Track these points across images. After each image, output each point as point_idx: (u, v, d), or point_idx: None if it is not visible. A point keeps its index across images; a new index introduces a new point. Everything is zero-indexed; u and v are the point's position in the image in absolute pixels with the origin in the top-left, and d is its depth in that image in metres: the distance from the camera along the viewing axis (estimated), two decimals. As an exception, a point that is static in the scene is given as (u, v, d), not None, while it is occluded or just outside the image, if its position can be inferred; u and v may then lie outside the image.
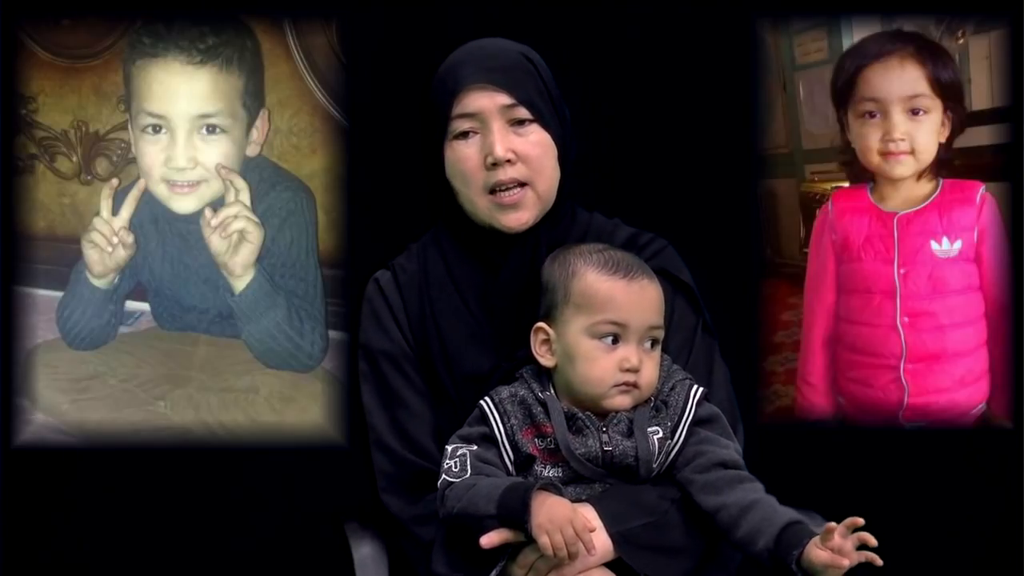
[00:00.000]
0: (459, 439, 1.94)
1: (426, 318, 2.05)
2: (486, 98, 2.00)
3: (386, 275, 2.10)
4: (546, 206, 2.03)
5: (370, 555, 1.99)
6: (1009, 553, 3.19)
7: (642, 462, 1.90)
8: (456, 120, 2.01)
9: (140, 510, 3.14)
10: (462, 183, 2.02)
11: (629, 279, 1.93)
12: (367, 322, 2.08)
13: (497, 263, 2.04)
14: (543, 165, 2.01)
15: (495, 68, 2.01)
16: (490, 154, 1.99)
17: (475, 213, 2.03)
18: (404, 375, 2.04)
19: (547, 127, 2.02)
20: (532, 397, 1.93)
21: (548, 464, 1.91)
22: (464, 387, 2.01)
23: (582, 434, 1.90)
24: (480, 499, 1.85)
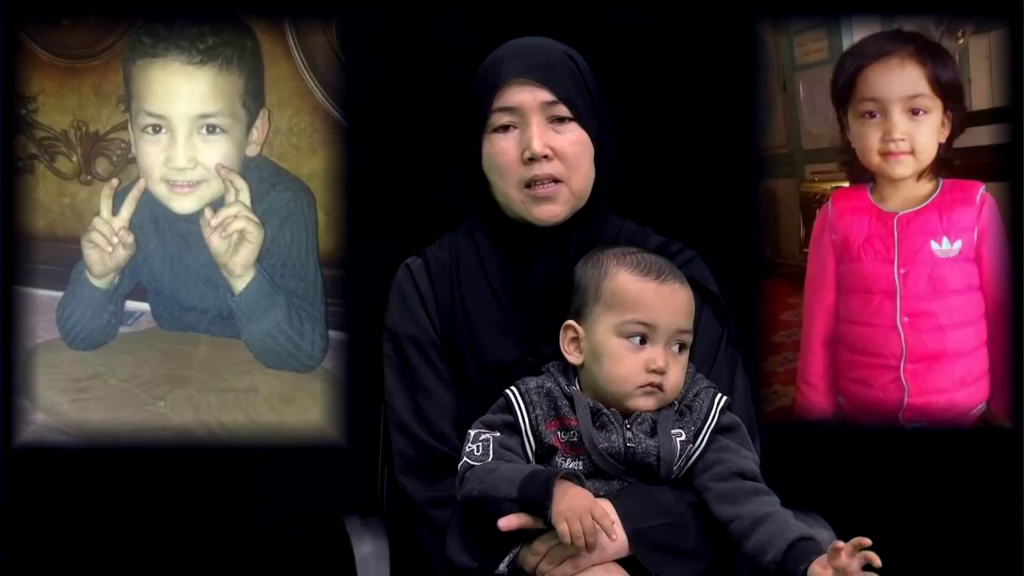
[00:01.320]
0: (482, 425, 1.96)
1: (455, 305, 2.06)
2: (527, 93, 2.02)
3: (417, 261, 2.11)
4: (579, 204, 2.05)
5: (371, 554, 1.98)
6: (1009, 553, 3.19)
7: (663, 462, 1.91)
8: (496, 113, 2.03)
9: (140, 510, 3.14)
10: (498, 176, 2.04)
11: (660, 281, 1.94)
12: (395, 306, 2.09)
13: (528, 258, 2.05)
14: (579, 163, 2.03)
15: (538, 65, 2.03)
16: (528, 148, 2.00)
17: (509, 206, 2.04)
18: (428, 361, 2.06)
19: (585, 127, 2.04)
20: (559, 390, 1.95)
21: (569, 457, 1.92)
22: (489, 375, 2.03)
23: (606, 429, 1.91)
24: (502, 482, 1.86)
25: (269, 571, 3.15)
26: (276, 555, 3.14)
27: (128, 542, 3.14)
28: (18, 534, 3.14)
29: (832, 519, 2.08)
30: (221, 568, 3.15)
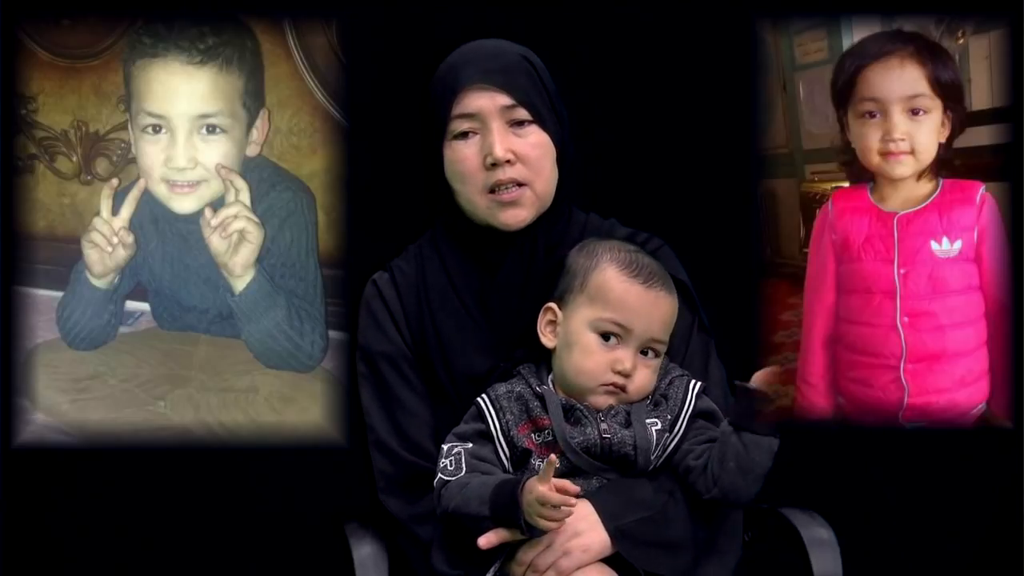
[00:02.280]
0: (455, 437, 1.96)
1: (424, 318, 2.06)
2: (486, 98, 2.01)
3: (384, 276, 2.11)
4: (544, 206, 2.04)
5: (370, 555, 1.99)
6: (1009, 553, 3.19)
7: (640, 451, 1.91)
8: (455, 120, 2.02)
9: (140, 510, 3.14)
10: (461, 183, 2.03)
11: (646, 286, 1.94)
12: (365, 324, 2.09)
13: (495, 263, 2.05)
14: (542, 166, 2.03)
15: (495, 69, 2.02)
16: (489, 154, 2.00)
17: (474, 212, 2.04)
18: (402, 376, 2.05)
19: (546, 128, 2.03)
20: (529, 392, 1.95)
21: (544, 458, 1.92)
22: (463, 386, 2.02)
23: (580, 424, 1.92)
24: (473, 500, 1.86)
25: (269, 571, 3.15)
26: (276, 555, 3.14)
27: (128, 542, 3.14)
28: (18, 534, 3.14)
29: (832, 519, 2.08)
30: (221, 568, 3.15)
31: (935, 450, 3.16)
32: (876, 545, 3.16)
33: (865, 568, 2.22)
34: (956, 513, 3.17)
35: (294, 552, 3.14)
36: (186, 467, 3.14)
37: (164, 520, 3.14)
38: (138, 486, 3.14)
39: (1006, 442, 3.16)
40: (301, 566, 3.14)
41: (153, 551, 3.14)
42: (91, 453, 3.14)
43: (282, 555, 3.15)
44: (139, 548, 3.14)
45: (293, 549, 3.14)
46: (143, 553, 3.14)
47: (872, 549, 3.15)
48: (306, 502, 3.11)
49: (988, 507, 3.18)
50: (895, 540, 3.18)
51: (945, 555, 3.18)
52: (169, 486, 3.14)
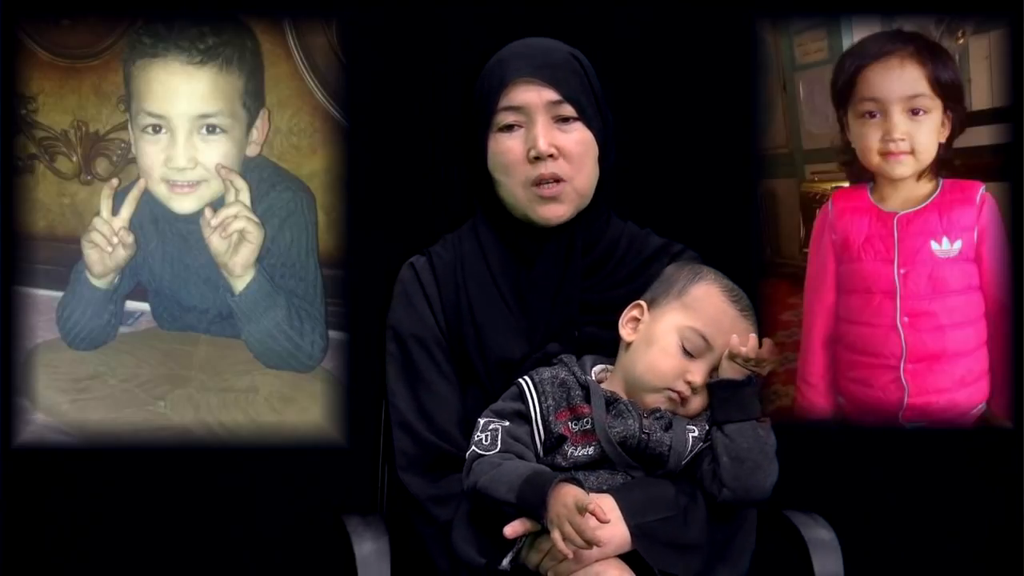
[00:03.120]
0: (492, 413, 1.97)
1: (460, 303, 2.07)
2: (533, 92, 2.03)
3: (421, 260, 2.12)
4: (583, 203, 2.06)
5: (372, 553, 1.99)
6: (1009, 553, 3.19)
7: (674, 453, 1.92)
8: (502, 112, 2.04)
9: (140, 510, 3.14)
10: (504, 175, 2.05)
11: (742, 315, 1.97)
12: (399, 304, 2.10)
13: (532, 257, 2.06)
14: (584, 163, 2.04)
15: (544, 65, 2.04)
16: (533, 147, 2.02)
17: (514, 205, 2.05)
18: (432, 359, 2.06)
19: (590, 126, 2.05)
20: (573, 380, 1.96)
21: (579, 445, 1.93)
22: (495, 372, 2.03)
23: (622, 417, 1.92)
24: (501, 485, 1.87)
25: (269, 571, 3.15)
26: (276, 555, 3.14)
27: (128, 542, 3.14)
28: (18, 534, 3.14)
29: (832, 519, 2.08)
30: (221, 568, 3.15)
31: (935, 450, 3.16)
32: (877, 545, 3.16)
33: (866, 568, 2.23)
34: (956, 513, 3.18)
35: (294, 552, 3.14)
36: (186, 467, 3.14)
37: (164, 520, 3.14)
38: (138, 486, 3.14)
39: (1006, 442, 3.16)
40: (301, 566, 3.14)
41: (153, 551, 3.14)
42: (91, 453, 3.14)
43: (282, 555, 3.15)
44: (139, 548, 3.14)
45: (293, 549, 3.14)
46: (143, 553, 3.14)
47: (873, 549, 3.15)
48: (306, 502, 3.11)
49: (988, 507, 3.18)
50: (895, 540, 3.18)
51: (945, 555, 3.18)
52: (169, 486, 3.14)
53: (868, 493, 3.15)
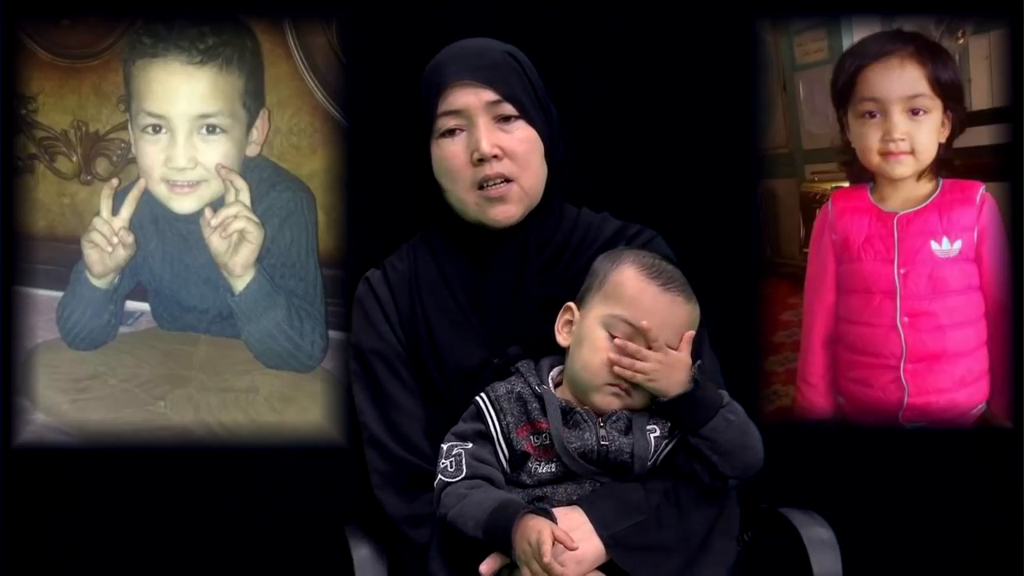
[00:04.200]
0: (454, 436, 1.95)
1: (416, 315, 2.05)
2: (471, 95, 2.01)
3: (376, 274, 2.11)
4: (533, 202, 2.04)
5: (369, 555, 1.98)
6: (1009, 553, 3.19)
7: (637, 459, 1.91)
8: (442, 118, 2.02)
9: (140, 510, 3.14)
10: (449, 180, 2.03)
11: (663, 288, 1.93)
12: (358, 322, 2.09)
13: (486, 260, 2.04)
14: (529, 161, 2.02)
15: (480, 66, 2.02)
16: (476, 150, 2.00)
17: (463, 210, 2.03)
18: (395, 374, 2.05)
19: (533, 124, 2.03)
20: (529, 392, 1.94)
21: (542, 460, 1.91)
22: (454, 383, 2.02)
23: (579, 428, 1.90)
24: (468, 520, 1.85)
25: (269, 571, 3.15)
26: (276, 555, 3.14)
27: (128, 542, 3.14)
28: (18, 534, 3.14)
29: (832, 519, 2.08)
30: (221, 568, 3.15)
31: (935, 450, 3.16)
32: (876, 545, 3.16)
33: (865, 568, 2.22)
34: (956, 513, 3.17)
35: (294, 552, 3.14)
36: (186, 467, 3.14)
37: (164, 520, 3.14)
38: (138, 486, 3.14)
39: (1006, 442, 3.16)
40: (301, 566, 3.14)
41: (153, 551, 3.14)
42: (91, 453, 3.14)
43: (282, 555, 3.14)
44: (139, 548, 3.14)
45: (293, 549, 3.14)
46: (143, 553, 3.14)
47: (872, 549, 3.15)
48: (306, 502, 3.11)
49: (988, 507, 3.18)
50: (895, 540, 3.18)
51: (945, 555, 3.17)
52: (169, 486, 3.14)
53: (868, 493, 3.15)
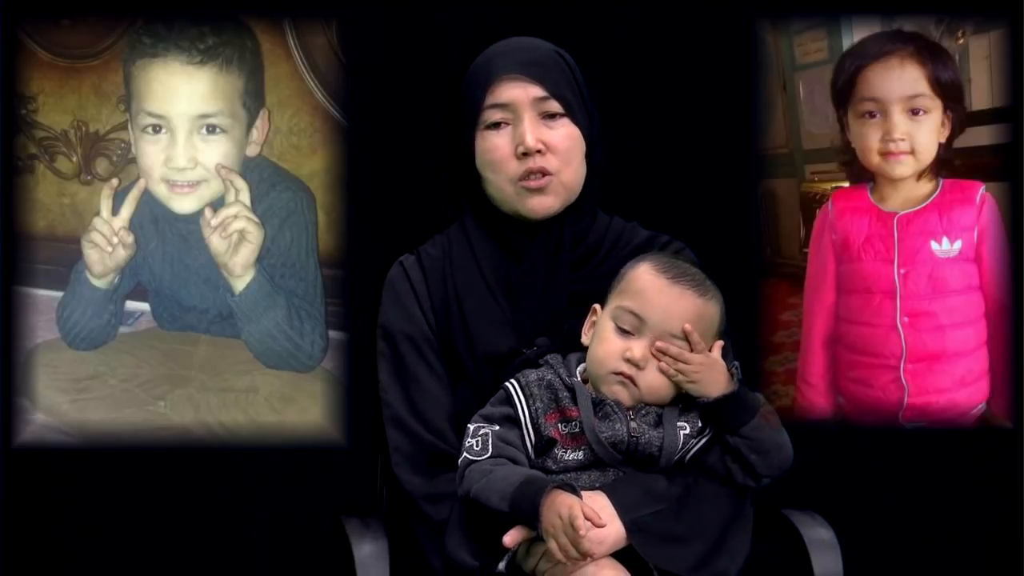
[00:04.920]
0: (482, 418, 1.96)
1: (449, 299, 2.07)
2: (519, 89, 2.04)
3: (410, 258, 2.13)
4: (570, 197, 2.06)
5: (371, 555, 1.98)
6: (1009, 553, 3.19)
7: (665, 453, 1.92)
8: (488, 110, 2.05)
9: (140, 510, 3.14)
10: (492, 172, 2.06)
11: (673, 281, 1.95)
12: (388, 303, 2.11)
13: (520, 251, 2.07)
14: (571, 158, 2.05)
15: (530, 62, 2.05)
16: (521, 144, 2.03)
17: (502, 201, 2.06)
18: (423, 357, 2.07)
19: (576, 122, 2.06)
20: (559, 382, 1.95)
21: (569, 448, 1.93)
22: (484, 367, 2.03)
23: (609, 419, 1.92)
24: (493, 493, 1.86)
25: (269, 571, 3.15)
26: (276, 555, 3.14)
27: (128, 542, 3.14)
28: (18, 534, 3.14)
29: (832, 519, 2.08)
30: (221, 568, 3.15)
31: (935, 450, 3.16)
32: (876, 545, 3.16)
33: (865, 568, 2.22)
34: (956, 513, 3.17)
35: (294, 552, 3.14)
36: (186, 467, 3.14)
37: (164, 520, 3.14)
38: (138, 486, 3.14)
39: (1006, 442, 3.16)
40: (301, 566, 3.14)
41: (153, 551, 3.14)
42: (91, 453, 3.14)
43: (282, 555, 3.15)
44: (139, 548, 3.14)
45: (293, 549, 3.14)
46: (143, 553, 3.14)
47: (872, 549, 3.15)
48: (306, 502, 3.11)
49: (988, 507, 3.18)
50: (895, 540, 3.18)
51: (945, 555, 3.17)
52: (169, 486, 3.14)
53: (868, 493, 3.15)
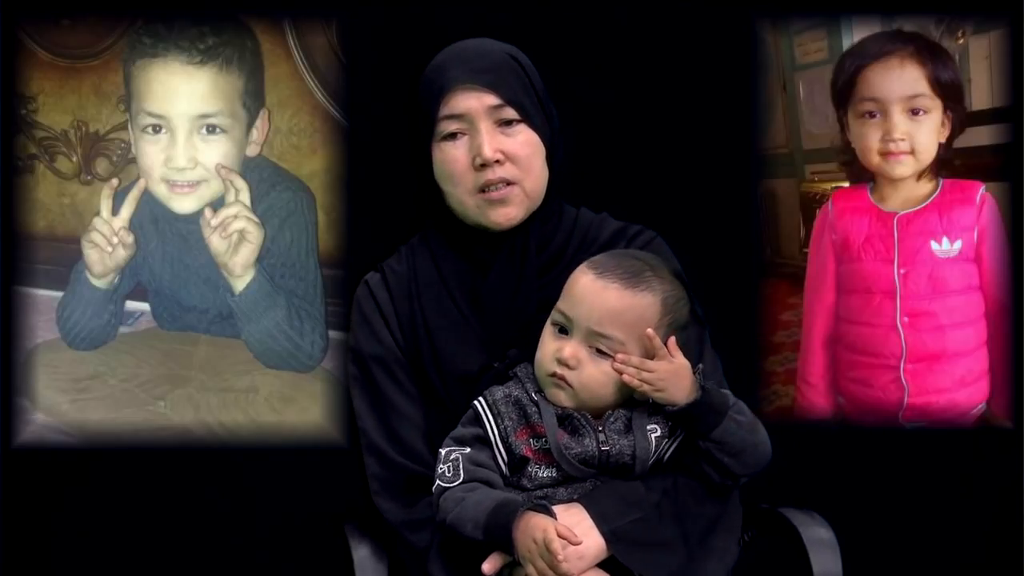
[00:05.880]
0: (453, 441, 1.94)
1: (415, 318, 2.04)
2: (473, 99, 2.00)
3: (375, 277, 2.10)
4: (534, 204, 2.03)
5: (369, 556, 1.98)
6: (1009, 553, 3.19)
7: (639, 460, 1.90)
8: (443, 121, 2.01)
9: (140, 510, 3.14)
10: (451, 184, 2.02)
11: (598, 276, 1.91)
12: (357, 326, 2.08)
13: (486, 262, 2.04)
14: (531, 164, 2.02)
15: (482, 69, 2.01)
16: (478, 155, 1.99)
17: (464, 213, 2.03)
18: (394, 379, 2.04)
19: (534, 127, 2.02)
20: (527, 397, 1.93)
21: (542, 464, 1.91)
22: (454, 387, 2.01)
23: (578, 434, 1.89)
24: (467, 522, 1.85)
25: (268, 571, 3.15)
26: (276, 555, 3.14)
27: (128, 542, 3.14)
28: (18, 534, 3.14)
29: (832, 519, 2.08)
30: (221, 568, 3.15)
31: (935, 450, 3.16)
32: (876, 545, 3.16)
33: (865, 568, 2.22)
34: (956, 513, 3.17)
35: (294, 552, 3.14)
36: (186, 467, 3.14)
37: (164, 520, 3.14)
38: (138, 486, 3.14)
39: (1006, 442, 3.16)
40: (301, 566, 3.14)
41: (153, 551, 3.14)
42: (91, 453, 3.14)
43: (282, 555, 3.15)
44: (139, 548, 3.14)
45: (293, 549, 3.14)
46: (143, 553, 3.14)
47: (872, 549, 3.15)
48: (306, 502, 3.11)
49: (988, 507, 3.18)
50: (895, 540, 3.18)
51: (945, 555, 3.17)
52: (169, 486, 3.14)
53: (868, 493, 3.15)
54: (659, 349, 1.89)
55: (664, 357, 1.89)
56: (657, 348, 1.89)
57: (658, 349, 1.89)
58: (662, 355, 1.89)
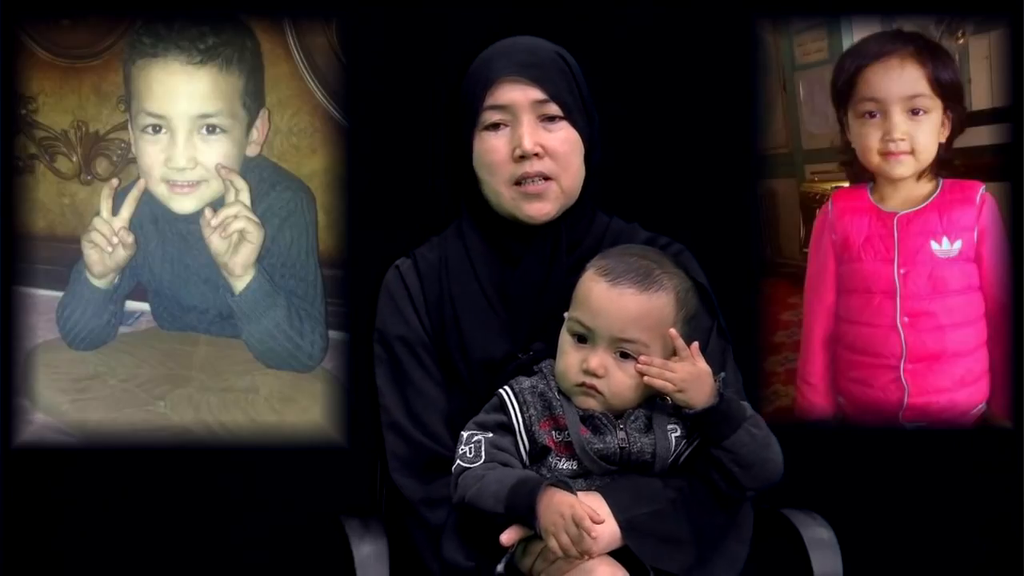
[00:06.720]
0: (475, 425, 1.95)
1: (444, 303, 2.06)
2: (519, 91, 2.02)
3: (407, 262, 2.12)
4: (569, 202, 2.05)
5: (371, 555, 1.98)
6: (1009, 553, 3.19)
7: (659, 458, 1.91)
8: (487, 111, 2.03)
9: (140, 510, 3.14)
10: (488, 174, 2.04)
11: (612, 284, 1.92)
12: (385, 307, 2.10)
13: (517, 256, 2.06)
14: (569, 162, 2.04)
15: (530, 63, 2.04)
16: (519, 147, 2.01)
17: (499, 204, 2.05)
18: (419, 361, 2.06)
19: (576, 125, 2.05)
20: (551, 393, 1.94)
21: (563, 456, 1.92)
22: (477, 373, 2.03)
23: (600, 432, 1.91)
24: (488, 497, 1.86)
25: (269, 571, 3.15)
26: (276, 555, 3.14)
27: (128, 542, 3.14)
28: (18, 534, 3.14)
29: (832, 519, 2.08)
30: (221, 568, 3.15)
31: (935, 450, 3.16)
32: (876, 545, 3.16)
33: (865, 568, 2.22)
34: (956, 513, 3.17)
35: (294, 552, 3.14)
36: (186, 467, 3.14)
37: (164, 520, 3.14)
38: (138, 486, 3.14)
39: (1006, 442, 3.16)
40: (301, 566, 3.14)
41: (153, 551, 3.14)
42: (91, 453, 3.14)
43: (282, 555, 3.15)
44: (139, 548, 3.14)
45: (293, 549, 3.14)
46: (143, 553, 3.14)
47: (872, 549, 3.15)
48: (306, 502, 3.11)
49: (988, 507, 3.18)
50: (895, 540, 3.18)
51: (945, 555, 3.18)
52: (169, 486, 3.14)
53: (868, 493, 3.15)
54: (682, 349, 1.91)
55: (687, 359, 1.90)
56: (680, 348, 1.90)
57: (681, 349, 1.91)
58: (685, 356, 1.90)
